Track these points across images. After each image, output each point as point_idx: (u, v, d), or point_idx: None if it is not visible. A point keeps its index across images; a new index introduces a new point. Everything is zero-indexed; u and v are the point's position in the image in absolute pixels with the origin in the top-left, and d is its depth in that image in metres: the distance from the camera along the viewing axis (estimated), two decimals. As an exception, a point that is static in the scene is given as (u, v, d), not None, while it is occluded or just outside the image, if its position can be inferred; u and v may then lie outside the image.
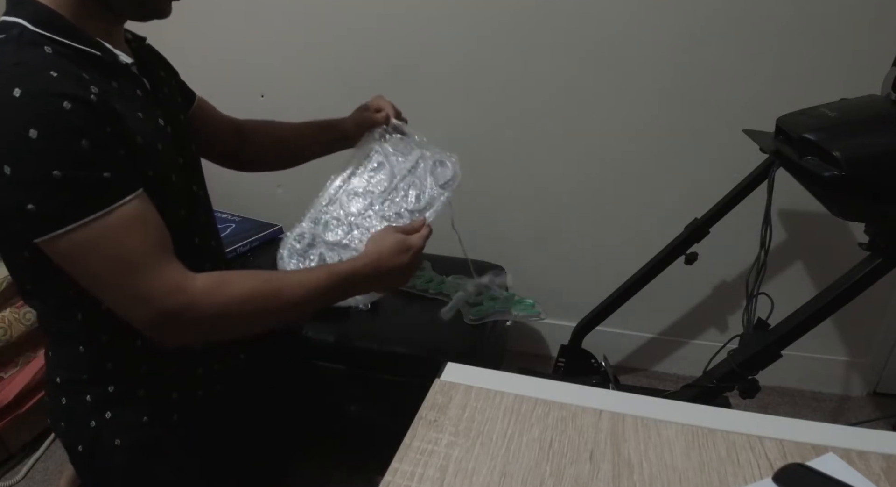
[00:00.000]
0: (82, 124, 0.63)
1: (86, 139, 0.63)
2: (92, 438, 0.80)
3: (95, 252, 0.65)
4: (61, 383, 0.81)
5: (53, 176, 0.61)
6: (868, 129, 0.98)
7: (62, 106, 0.62)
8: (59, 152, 0.62)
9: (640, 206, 1.72)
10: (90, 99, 0.65)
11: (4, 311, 1.55)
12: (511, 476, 0.61)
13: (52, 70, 0.64)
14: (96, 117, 0.65)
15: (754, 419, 0.69)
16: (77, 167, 0.63)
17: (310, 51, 1.76)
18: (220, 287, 0.71)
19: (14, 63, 0.63)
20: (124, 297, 0.67)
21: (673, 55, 1.52)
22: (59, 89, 0.63)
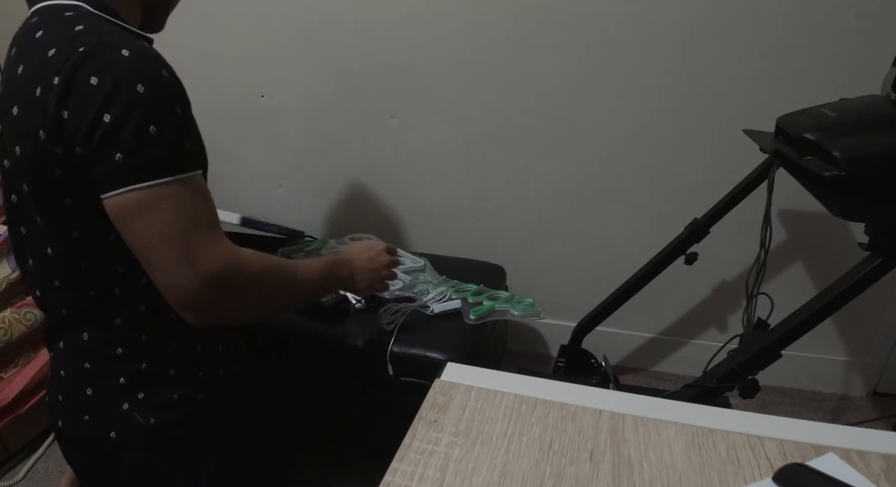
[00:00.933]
0: (177, 93, 0.69)
1: (179, 107, 0.69)
2: (125, 421, 0.80)
3: (167, 212, 0.68)
4: (90, 368, 0.80)
5: (150, 131, 0.65)
6: (868, 129, 0.98)
7: (162, 72, 0.68)
8: (158, 111, 0.66)
9: (640, 206, 1.72)
10: (174, 72, 0.70)
11: (4, 311, 1.55)
12: (511, 476, 0.61)
13: (140, 41, 0.69)
14: (183, 90, 0.71)
15: (754, 419, 0.68)
16: (169, 129, 0.67)
17: (310, 51, 1.76)
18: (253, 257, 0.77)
19: (110, 30, 0.69)
20: (180, 259, 0.69)
21: (673, 55, 1.53)
22: (156, 57, 0.68)
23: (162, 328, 0.82)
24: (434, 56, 1.67)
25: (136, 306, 0.79)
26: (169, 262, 0.69)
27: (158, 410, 0.81)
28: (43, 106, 0.66)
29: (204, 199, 0.73)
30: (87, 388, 0.81)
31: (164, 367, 0.83)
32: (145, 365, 0.81)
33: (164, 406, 0.82)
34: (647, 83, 1.57)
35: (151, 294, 0.77)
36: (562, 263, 1.86)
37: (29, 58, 0.70)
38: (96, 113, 0.64)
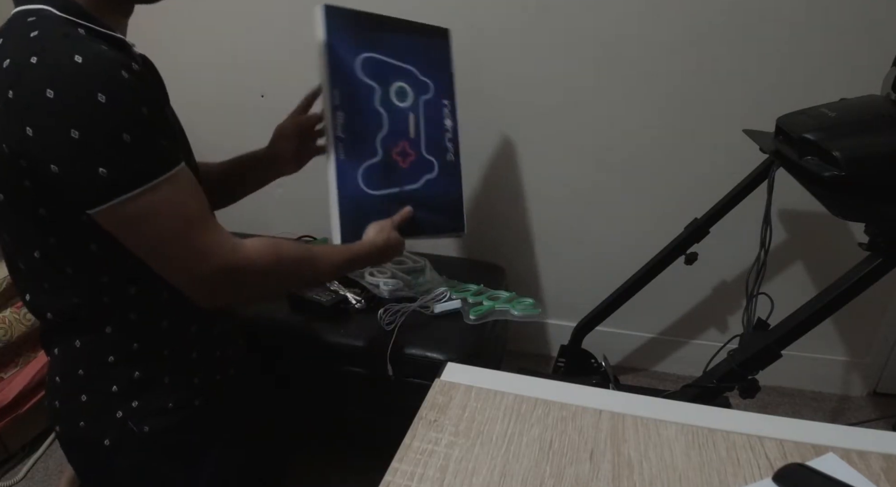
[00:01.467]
0: (140, 92, 0.66)
1: (145, 107, 0.66)
2: (119, 429, 0.80)
3: (160, 215, 0.68)
4: (83, 375, 0.80)
5: (124, 140, 0.64)
6: (868, 129, 0.98)
7: (121, 73, 0.64)
8: (126, 117, 0.64)
9: (641, 206, 1.72)
10: (138, 71, 0.67)
11: (4, 311, 1.55)
12: (511, 476, 0.61)
13: (98, 43, 0.66)
14: (147, 88, 0.68)
15: (754, 419, 0.69)
16: (142, 132, 0.65)
17: (310, 51, 1.75)
18: (270, 247, 0.80)
19: (63, 34, 0.64)
20: (186, 253, 0.71)
21: (673, 56, 1.53)
22: (114, 58, 0.65)
23: (153, 337, 0.81)
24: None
25: (125, 314, 0.79)
26: (175, 263, 0.71)
27: (152, 417, 0.81)
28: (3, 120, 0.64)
29: (194, 192, 0.73)
30: (81, 395, 0.81)
31: (159, 374, 0.82)
32: (138, 373, 0.80)
33: (158, 414, 0.82)
34: (647, 83, 1.57)
35: (141, 303, 0.78)
36: (562, 263, 1.86)
37: None
38: (62, 131, 0.62)
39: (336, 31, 1.05)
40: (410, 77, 1.15)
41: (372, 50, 1.09)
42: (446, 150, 1.20)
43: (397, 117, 1.13)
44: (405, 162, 1.14)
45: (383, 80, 1.11)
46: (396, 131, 1.12)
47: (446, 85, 1.21)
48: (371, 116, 1.09)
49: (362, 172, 1.09)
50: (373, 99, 1.10)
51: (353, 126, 1.07)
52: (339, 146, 1.05)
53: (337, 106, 1.05)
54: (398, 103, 1.13)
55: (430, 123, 1.17)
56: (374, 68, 1.10)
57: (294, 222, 1.78)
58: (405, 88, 1.14)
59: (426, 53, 1.18)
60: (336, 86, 1.05)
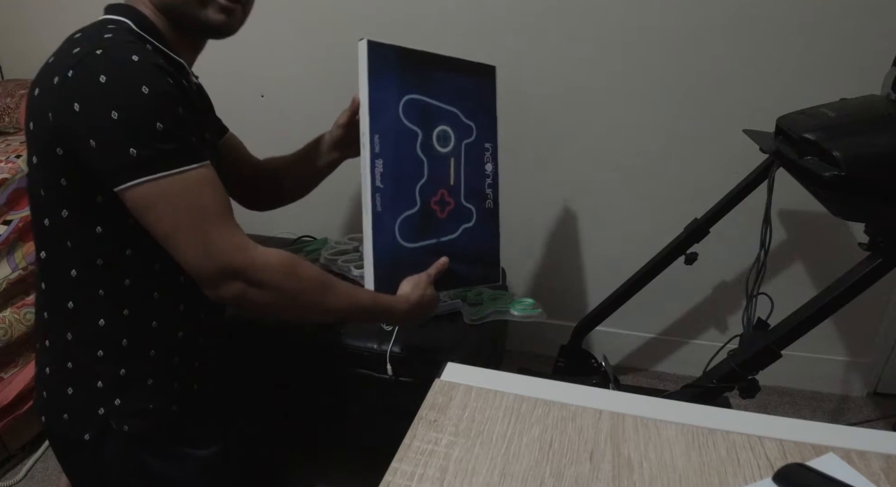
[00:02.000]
0: (179, 97, 0.74)
1: (181, 108, 0.74)
2: (100, 426, 0.82)
3: (179, 201, 0.72)
4: (72, 368, 0.82)
5: (157, 127, 0.70)
6: (868, 129, 0.98)
7: (167, 80, 0.73)
8: (163, 110, 0.71)
9: (640, 206, 1.72)
10: (182, 84, 0.77)
11: (5, 311, 1.55)
12: (511, 476, 0.61)
13: (157, 57, 0.76)
14: (187, 98, 0.77)
15: (754, 419, 0.68)
16: (174, 125, 0.72)
17: (310, 51, 1.76)
18: (285, 262, 0.80)
19: (129, 41, 0.75)
20: (195, 247, 0.74)
21: (672, 55, 1.53)
22: (164, 68, 0.74)
23: (143, 335, 0.84)
24: (434, 56, 1.67)
25: (119, 309, 0.81)
26: (186, 250, 0.74)
27: (133, 418, 0.83)
28: (56, 94, 0.72)
29: (217, 188, 0.77)
30: (68, 387, 0.83)
31: (144, 375, 0.84)
32: (124, 371, 0.82)
33: (139, 415, 0.84)
34: (647, 83, 1.57)
35: (133, 298, 0.81)
36: (562, 263, 1.86)
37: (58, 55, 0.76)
38: (104, 110, 0.69)
39: (379, 69, 0.96)
40: (454, 120, 1.06)
41: (416, 91, 1.01)
42: (486, 197, 1.11)
43: (438, 164, 1.04)
44: (443, 212, 1.05)
45: (426, 123, 1.02)
46: (436, 179, 1.04)
47: (489, 127, 1.12)
48: (411, 163, 1.01)
49: (399, 224, 1.00)
50: (415, 145, 1.01)
51: (392, 175, 0.98)
52: (377, 197, 0.97)
53: (377, 154, 0.96)
54: (440, 149, 1.05)
55: (471, 168, 1.08)
56: (418, 111, 1.01)
57: (295, 222, 1.78)
58: (448, 132, 1.06)
59: (471, 94, 1.09)
60: (377, 131, 0.96)
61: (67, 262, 0.79)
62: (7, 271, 1.56)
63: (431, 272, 1.01)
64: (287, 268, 0.80)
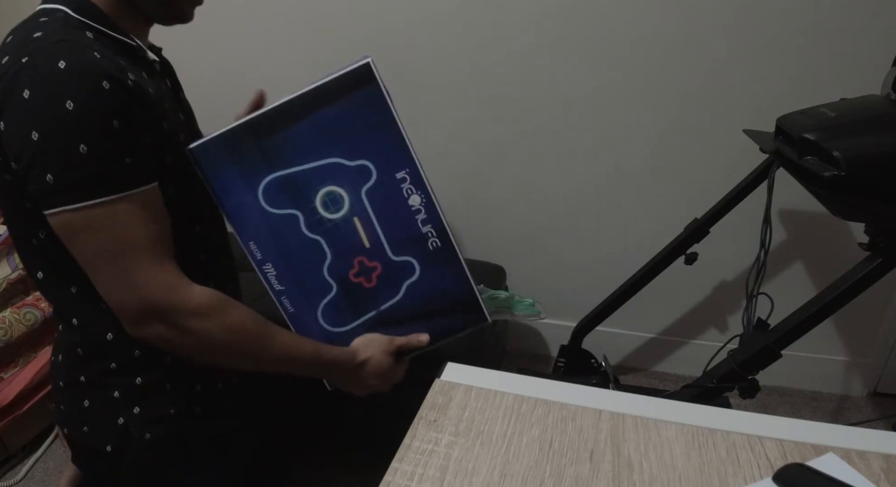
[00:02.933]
0: (117, 105, 0.65)
1: (117, 120, 0.65)
2: (120, 436, 0.80)
3: (99, 234, 0.66)
4: (86, 382, 0.80)
5: (80, 150, 0.63)
6: (868, 129, 0.99)
7: (102, 85, 0.64)
8: (89, 128, 0.63)
9: (641, 206, 1.72)
10: (127, 82, 0.67)
11: (5, 311, 1.55)
12: (511, 476, 0.61)
13: (95, 51, 0.66)
14: (131, 100, 0.67)
15: (754, 419, 0.69)
16: (103, 146, 0.64)
17: (310, 51, 1.76)
18: (216, 307, 0.72)
19: (59, 39, 0.66)
20: (116, 283, 0.68)
21: (673, 56, 1.53)
22: (100, 68, 0.64)
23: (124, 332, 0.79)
24: (434, 56, 1.68)
25: None
26: (107, 284, 0.68)
27: (154, 425, 0.81)
28: None
29: (148, 219, 0.68)
30: (84, 400, 0.81)
31: (160, 382, 0.81)
32: (140, 380, 0.80)
33: (159, 421, 0.81)
34: (647, 84, 1.57)
35: None
36: (562, 263, 1.86)
37: None
38: (25, 130, 0.63)
39: (217, 173, 0.81)
40: (336, 172, 0.84)
41: (270, 170, 0.82)
42: (424, 237, 0.88)
43: (338, 234, 0.86)
44: (371, 280, 0.89)
45: (301, 198, 0.84)
46: (344, 250, 0.87)
47: (392, 149, 0.84)
48: (305, 250, 0.86)
49: (322, 314, 0.89)
50: (298, 229, 0.85)
51: (289, 272, 0.87)
52: (284, 300, 0.88)
53: (261, 260, 0.85)
54: (332, 216, 0.86)
55: (387, 214, 0.87)
56: (283, 190, 0.83)
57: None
58: (335, 192, 0.85)
59: (347, 125, 0.83)
60: (248, 238, 0.84)
61: (64, 280, 0.76)
62: (7, 272, 1.56)
63: (399, 341, 0.90)
64: (219, 314, 0.72)
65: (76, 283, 0.76)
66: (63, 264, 0.73)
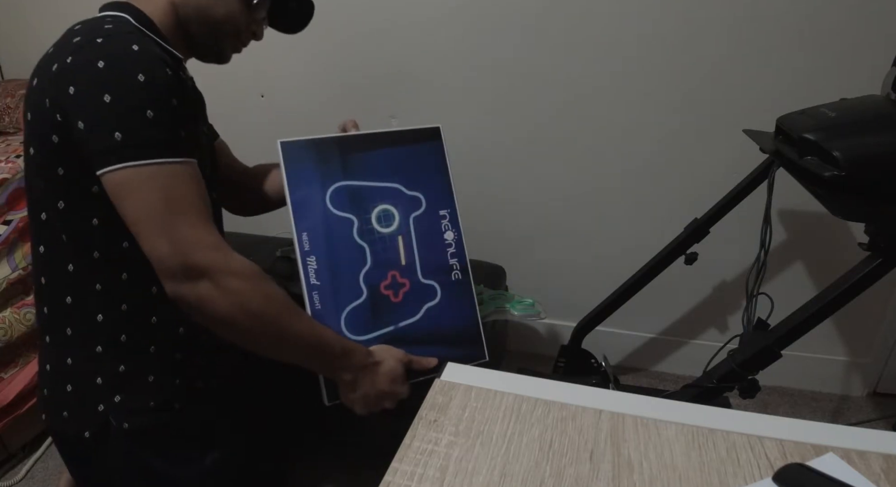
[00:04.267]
0: (176, 88, 0.75)
1: (176, 99, 0.74)
2: (100, 423, 0.81)
3: (156, 191, 0.71)
4: (72, 364, 0.82)
5: (147, 115, 0.71)
6: (868, 129, 0.98)
7: (165, 70, 0.74)
8: (156, 98, 0.72)
9: (641, 206, 1.72)
10: (181, 77, 0.78)
11: (5, 311, 1.55)
12: (511, 476, 0.61)
13: (158, 49, 0.77)
14: (183, 91, 0.77)
15: (754, 419, 0.68)
16: (165, 116, 0.72)
17: (310, 51, 1.76)
18: (256, 273, 0.76)
19: (129, 31, 0.77)
20: (165, 238, 0.71)
21: (672, 55, 1.53)
22: (161, 58, 0.75)
23: (142, 331, 0.83)
24: (434, 56, 1.68)
25: (117, 304, 0.81)
26: (156, 240, 0.72)
27: (134, 415, 0.82)
28: (56, 79, 0.73)
29: (196, 186, 0.75)
30: (67, 384, 0.82)
31: (143, 371, 0.83)
32: (123, 367, 0.82)
33: (139, 412, 0.83)
34: (647, 84, 1.57)
35: (131, 293, 0.81)
36: (562, 263, 1.86)
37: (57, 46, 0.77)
38: (98, 94, 0.70)
39: (297, 168, 0.94)
40: (395, 196, 1.00)
41: (343, 178, 0.96)
42: (450, 268, 1.02)
43: (382, 246, 0.98)
44: (398, 295, 0.98)
45: (361, 207, 0.97)
46: (383, 262, 0.97)
47: (442, 192, 1.03)
48: (350, 252, 0.95)
49: (346, 318, 0.94)
50: (350, 233, 0.96)
51: (329, 269, 0.93)
52: (314, 295, 0.92)
53: (307, 252, 0.92)
54: (382, 230, 0.98)
55: (426, 241, 1.01)
56: (349, 197, 0.97)
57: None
58: (389, 211, 0.99)
59: (413, 163, 1.02)
60: (304, 229, 0.93)
61: (64, 256, 0.79)
62: (7, 271, 1.56)
63: (412, 357, 0.94)
64: (258, 280, 0.76)
65: (74, 261, 0.79)
66: (65, 239, 0.78)
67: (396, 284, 0.98)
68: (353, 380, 0.87)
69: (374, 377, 0.88)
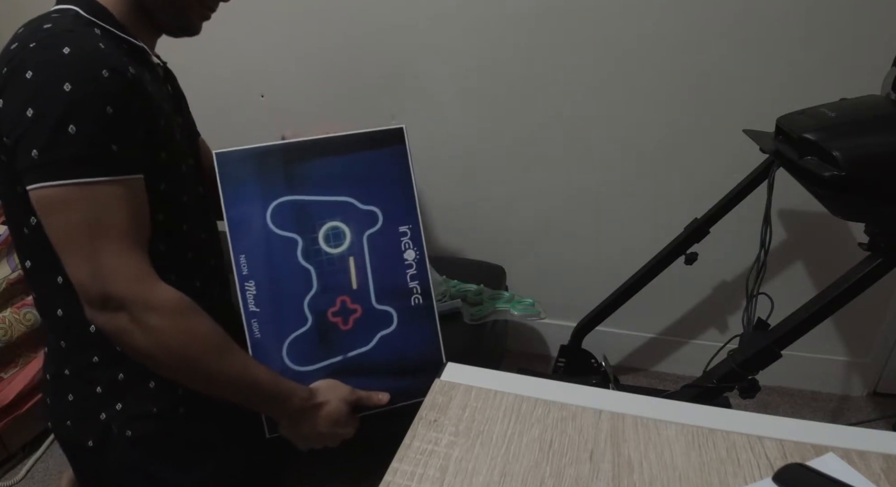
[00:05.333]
0: (114, 93, 0.67)
1: (111, 107, 0.67)
2: (102, 431, 0.80)
3: (75, 213, 0.66)
4: (70, 375, 0.80)
5: (69, 130, 0.65)
6: (868, 129, 0.98)
7: (101, 72, 0.67)
8: (82, 111, 0.65)
9: (641, 206, 1.72)
10: (127, 74, 0.69)
11: (4, 311, 1.55)
12: (511, 476, 0.61)
13: (101, 42, 0.69)
14: (128, 91, 0.69)
15: (754, 419, 0.68)
16: (92, 130, 0.66)
17: (309, 51, 1.76)
18: (180, 309, 0.71)
19: (68, 29, 0.69)
20: (84, 265, 0.67)
21: (673, 56, 1.52)
22: (102, 57, 0.68)
23: None
24: (434, 56, 1.67)
25: None
26: (75, 266, 0.68)
27: (136, 422, 0.80)
28: None
29: (126, 208, 0.68)
30: (68, 394, 0.81)
31: (143, 378, 0.81)
32: (122, 375, 0.80)
33: (141, 418, 0.81)
34: (647, 84, 1.57)
35: None
36: (562, 263, 1.86)
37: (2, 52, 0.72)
38: (22, 107, 0.65)
39: (235, 181, 0.86)
40: (346, 211, 0.89)
41: (287, 192, 0.87)
42: (410, 292, 0.92)
43: (331, 268, 0.89)
44: (347, 322, 0.89)
45: (306, 225, 0.88)
46: (331, 286, 0.88)
47: (403, 205, 0.91)
48: (293, 276, 0.87)
49: (288, 348, 0.87)
50: (294, 254, 0.87)
51: (269, 295, 0.86)
52: (253, 323, 0.85)
53: (245, 276, 0.85)
54: (330, 250, 0.89)
55: (382, 262, 0.90)
56: (293, 214, 0.87)
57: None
58: (339, 228, 0.89)
59: (369, 172, 0.90)
60: (242, 250, 0.85)
61: (51, 269, 0.76)
62: (7, 272, 1.56)
63: (359, 394, 0.88)
64: (181, 317, 0.70)
65: (62, 272, 0.75)
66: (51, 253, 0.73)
67: (346, 310, 0.89)
68: (294, 423, 0.83)
69: (315, 419, 0.83)
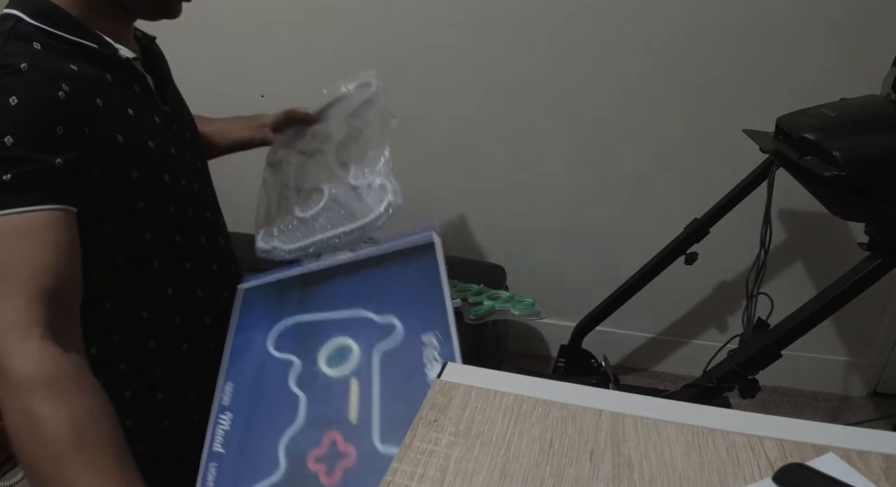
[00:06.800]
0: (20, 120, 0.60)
1: (12, 137, 0.59)
2: None
3: None
4: None
5: None
6: (868, 129, 0.98)
7: (9, 100, 0.60)
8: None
9: (640, 206, 1.72)
10: (56, 96, 0.63)
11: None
12: (511, 476, 0.61)
13: (29, 68, 0.62)
14: (53, 114, 0.62)
15: (754, 419, 0.68)
16: None
17: (310, 51, 1.76)
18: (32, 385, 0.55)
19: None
20: None
21: (672, 56, 1.52)
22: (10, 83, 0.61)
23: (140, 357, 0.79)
24: (434, 56, 1.67)
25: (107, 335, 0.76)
26: None
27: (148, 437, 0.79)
28: None
29: (22, 247, 0.59)
30: None
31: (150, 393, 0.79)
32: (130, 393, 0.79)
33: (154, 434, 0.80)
34: (647, 84, 1.57)
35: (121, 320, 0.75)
36: (562, 263, 1.86)
37: None
38: None
39: (249, 311, 0.80)
40: (359, 325, 0.74)
41: (297, 312, 0.77)
42: None
43: (326, 395, 0.70)
44: (332, 473, 0.65)
45: (308, 344, 0.74)
46: (319, 419, 0.69)
47: (429, 312, 0.73)
48: (277, 405, 0.70)
49: None
50: (285, 379, 0.72)
51: (241, 434, 0.70)
52: (211, 467, 0.68)
53: (223, 406, 0.72)
54: (330, 372, 0.71)
55: (395, 386, 0.69)
56: (296, 335, 0.76)
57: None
58: (346, 346, 0.73)
59: (390, 284, 0.78)
60: (231, 378, 0.75)
61: None
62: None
63: None
64: (34, 396, 0.55)
65: None
66: None
67: (334, 453, 0.66)
68: None
69: None
